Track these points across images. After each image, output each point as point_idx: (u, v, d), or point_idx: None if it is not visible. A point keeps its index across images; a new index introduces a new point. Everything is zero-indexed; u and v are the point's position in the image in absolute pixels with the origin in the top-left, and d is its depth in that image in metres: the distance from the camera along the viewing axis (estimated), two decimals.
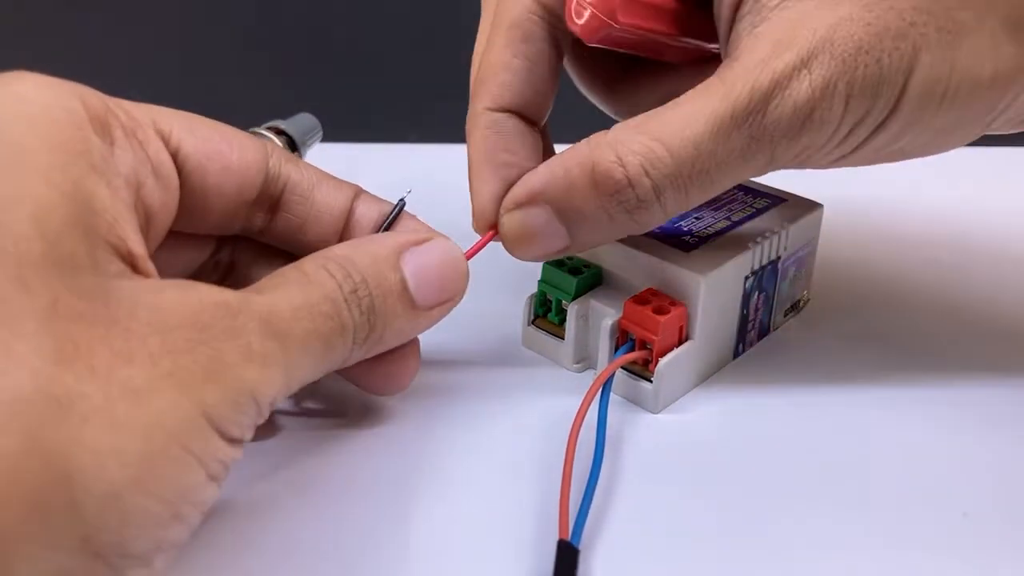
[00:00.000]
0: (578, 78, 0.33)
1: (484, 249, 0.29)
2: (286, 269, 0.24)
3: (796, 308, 0.34)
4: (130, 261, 0.21)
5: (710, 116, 0.25)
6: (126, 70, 0.61)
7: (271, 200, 0.27)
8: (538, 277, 0.31)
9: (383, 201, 0.29)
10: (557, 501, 0.24)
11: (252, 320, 0.21)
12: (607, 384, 0.27)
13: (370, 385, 0.28)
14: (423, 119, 0.51)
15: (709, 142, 0.25)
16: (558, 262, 0.31)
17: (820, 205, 0.33)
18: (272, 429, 0.28)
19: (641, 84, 0.32)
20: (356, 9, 0.66)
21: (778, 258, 0.32)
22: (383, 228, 0.28)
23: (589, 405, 0.26)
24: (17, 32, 0.63)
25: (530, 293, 0.32)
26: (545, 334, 0.32)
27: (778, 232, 0.31)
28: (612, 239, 0.28)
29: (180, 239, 0.26)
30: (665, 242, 0.30)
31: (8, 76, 0.21)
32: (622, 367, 0.29)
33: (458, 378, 0.31)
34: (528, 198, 0.27)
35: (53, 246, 0.19)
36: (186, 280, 0.21)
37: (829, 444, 0.28)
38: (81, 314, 0.19)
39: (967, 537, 0.25)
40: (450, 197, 0.32)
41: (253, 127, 0.42)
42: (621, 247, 0.30)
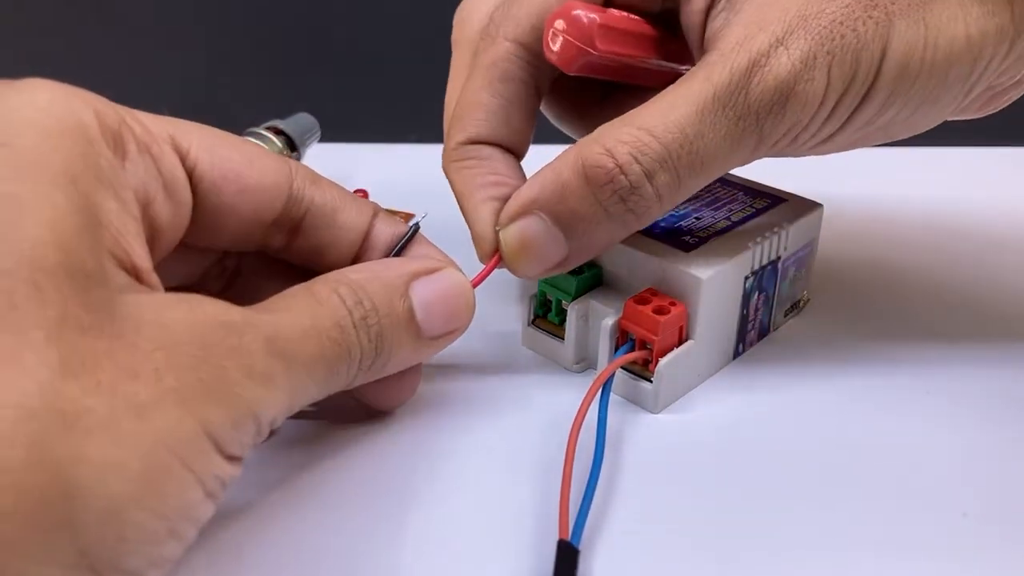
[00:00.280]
0: (553, 113, 0.33)
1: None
2: (297, 290, 0.24)
3: (796, 308, 0.34)
4: (135, 274, 0.21)
5: (693, 99, 0.25)
6: (126, 69, 0.61)
7: (292, 223, 0.27)
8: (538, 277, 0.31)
9: (398, 221, 0.29)
10: (557, 501, 0.24)
11: (257, 340, 0.21)
12: (607, 384, 0.27)
13: (370, 400, 0.28)
14: (423, 119, 0.51)
15: (695, 124, 0.25)
16: None
17: (820, 205, 0.33)
18: (271, 435, 0.28)
19: (620, 111, 0.32)
20: (356, 9, 0.66)
21: (778, 258, 0.32)
22: (395, 252, 0.28)
23: (589, 405, 0.26)
24: (17, 32, 0.63)
25: (530, 293, 0.32)
26: (545, 334, 0.32)
27: (778, 232, 0.31)
28: (611, 239, 0.27)
29: (189, 248, 0.26)
30: (665, 242, 0.30)
31: (25, 84, 0.21)
32: (622, 367, 0.29)
33: (458, 378, 0.31)
34: (522, 209, 0.27)
35: (67, 255, 0.19)
36: (192, 295, 0.21)
37: (829, 444, 0.28)
38: (89, 327, 0.19)
39: (967, 537, 0.25)
40: (450, 198, 0.32)
41: (252, 127, 0.42)
42: (621, 247, 0.30)
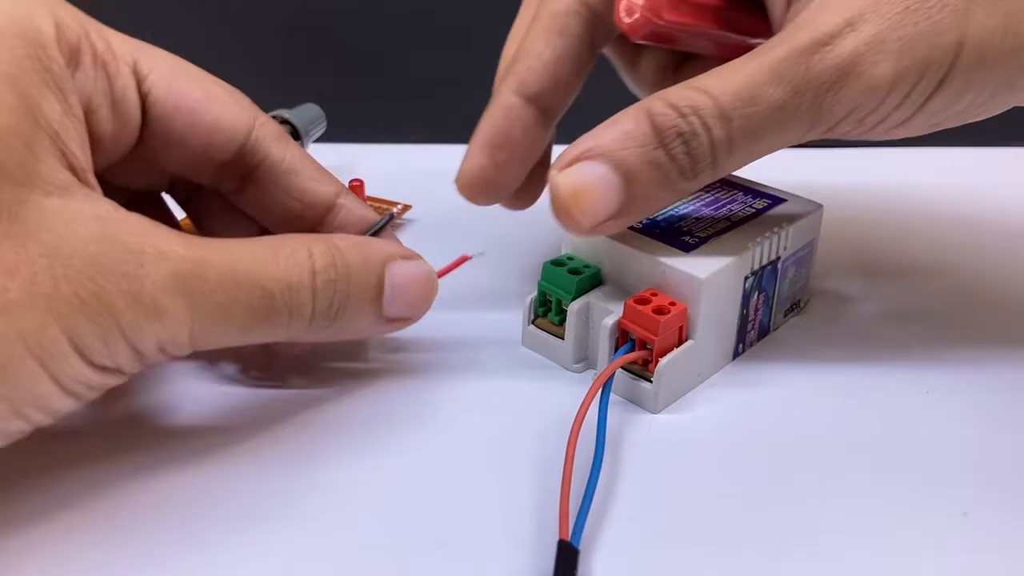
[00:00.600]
0: (629, 77, 0.34)
1: (484, 248, 0.29)
2: (272, 238, 0.25)
3: (796, 308, 0.34)
4: (75, 172, 0.22)
5: (751, 69, 0.25)
6: None
7: (244, 170, 0.28)
8: (538, 277, 0.31)
9: (367, 206, 0.30)
10: (557, 501, 0.24)
11: (159, 272, 0.22)
12: (607, 384, 0.27)
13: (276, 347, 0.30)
14: (423, 119, 0.51)
15: (749, 90, 0.25)
16: (558, 262, 0.31)
17: (820, 205, 0.33)
18: (282, 379, 0.30)
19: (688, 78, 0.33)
20: (356, 9, 0.66)
21: (778, 258, 0.32)
22: (370, 233, 0.29)
23: (589, 405, 0.26)
24: None
25: (530, 293, 0.32)
26: (545, 334, 0.32)
27: (778, 232, 0.31)
28: (665, 192, 0.27)
29: (147, 162, 0.27)
30: (665, 242, 0.30)
31: None
32: (622, 367, 0.29)
33: (458, 378, 0.31)
34: (580, 155, 0.26)
35: None
36: (123, 215, 0.22)
37: (829, 444, 0.28)
38: None
39: (967, 537, 0.25)
40: (450, 198, 0.32)
41: None
42: (621, 247, 0.30)
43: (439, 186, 0.33)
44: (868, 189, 0.44)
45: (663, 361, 0.28)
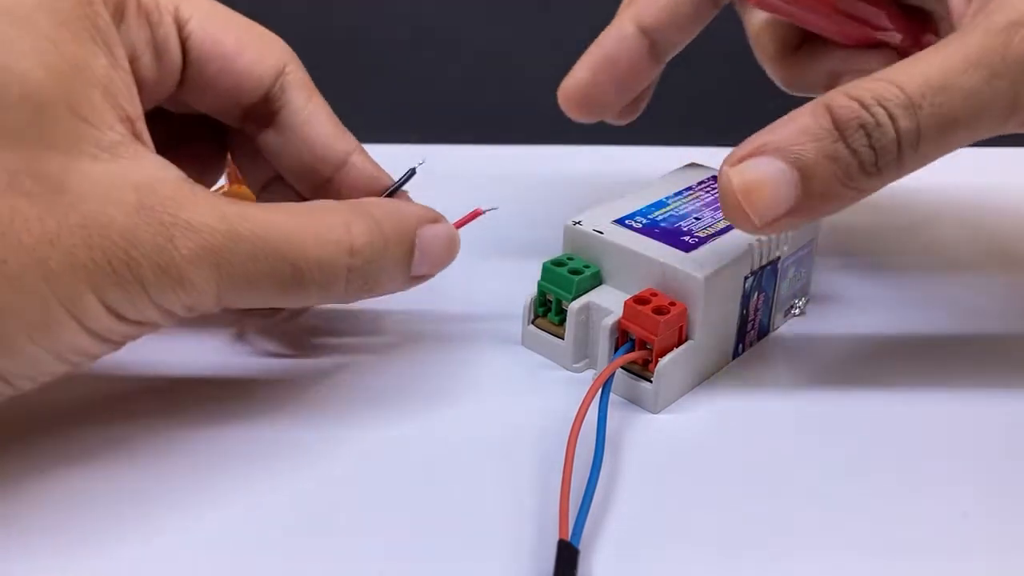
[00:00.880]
0: (757, 48, 0.35)
1: (484, 248, 0.29)
2: (307, 210, 0.25)
3: (796, 308, 0.34)
4: (124, 124, 0.23)
5: (943, 56, 0.25)
6: None
7: (266, 115, 0.29)
8: (538, 277, 0.31)
9: (379, 168, 0.30)
10: (557, 501, 0.24)
11: (188, 246, 0.23)
12: (607, 384, 0.27)
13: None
14: (423, 119, 0.51)
15: (940, 78, 0.24)
16: (558, 262, 0.31)
17: None
18: (304, 349, 0.31)
19: (809, 58, 0.33)
20: (356, 9, 0.66)
21: (778, 258, 0.32)
22: (389, 192, 0.30)
23: (589, 405, 0.26)
24: None
25: (530, 293, 0.32)
26: (545, 334, 0.32)
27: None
28: (846, 191, 0.25)
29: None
30: (665, 242, 0.30)
31: None
32: (622, 367, 0.29)
33: (458, 378, 0.31)
34: (755, 149, 0.25)
35: (30, 125, 0.22)
36: (160, 180, 0.23)
37: (828, 444, 0.28)
38: (31, 192, 0.21)
39: (967, 537, 0.25)
40: (450, 197, 0.32)
41: None
42: (621, 247, 0.30)
43: (439, 185, 0.33)
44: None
45: (663, 361, 0.28)
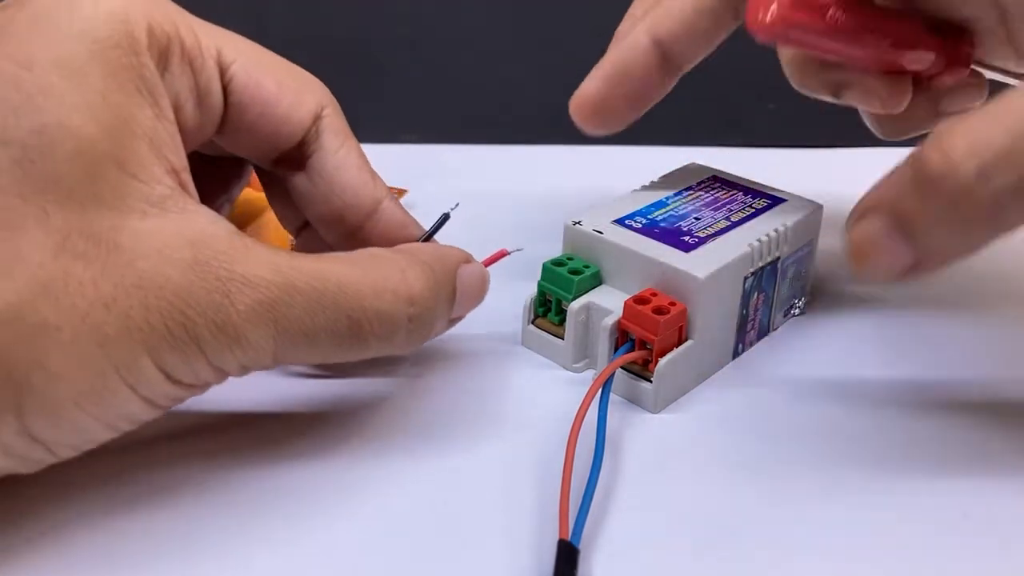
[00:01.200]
0: (785, 60, 0.34)
1: (484, 248, 0.29)
2: (361, 260, 0.25)
3: (796, 308, 0.34)
4: (170, 175, 0.23)
5: None
6: None
7: (299, 159, 0.28)
8: (538, 277, 0.31)
9: (408, 215, 0.30)
10: (557, 501, 0.24)
11: (245, 302, 0.22)
12: (607, 384, 0.27)
13: None
14: (423, 119, 0.51)
15: None
16: (558, 262, 0.31)
17: (820, 205, 0.33)
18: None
19: (819, 66, 0.32)
20: (356, 9, 0.66)
21: (778, 258, 0.32)
22: (425, 238, 0.29)
23: (589, 405, 0.26)
24: None
25: (530, 293, 0.32)
26: (545, 334, 0.32)
27: (778, 232, 0.31)
28: (958, 243, 0.25)
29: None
30: (665, 242, 0.30)
31: None
32: (622, 367, 0.29)
33: (458, 378, 0.31)
34: (864, 210, 0.26)
35: (83, 183, 0.21)
36: (212, 235, 0.22)
37: (828, 444, 0.28)
38: (85, 253, 0.21)
39: (967, 537, 0.25)
40: (449, 197, 0.32)
41: None
42: (621, 247, 0.30)
43: (438, 185, 0.33)
44: (868, 189, 0.44)
45: (663, 361, 0.28)
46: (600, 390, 0.27)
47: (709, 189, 0.34)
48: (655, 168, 0.36)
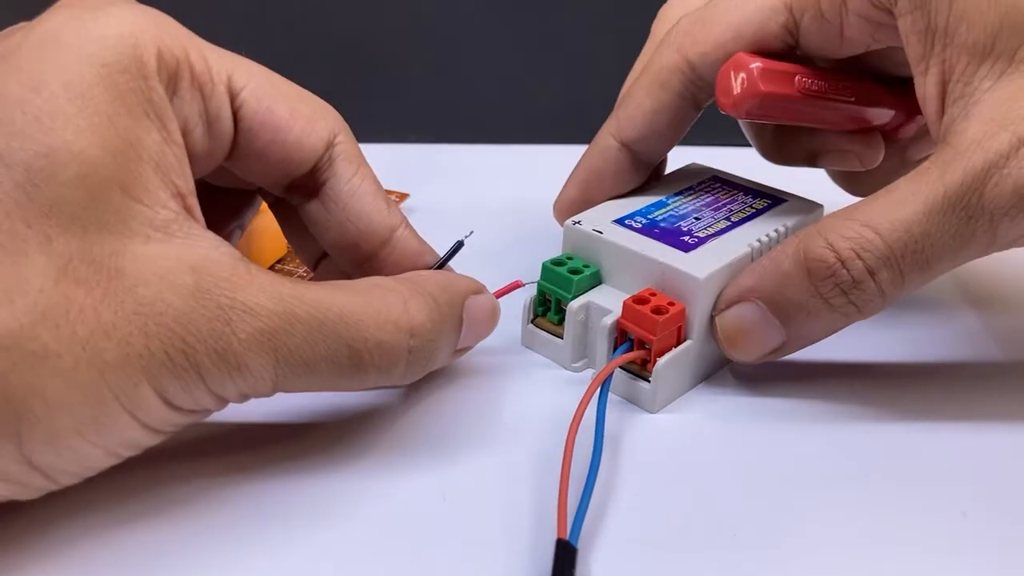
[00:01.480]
0: (745, 127, 0.35)
1: (484, 248, 0.29)
2: (364, 290, 0.25)
3: None
4: (176, 199, 0.23)
5: (922, 199, 0.25)
6: None
7: (312, 186, 0.28)
8: (537, 277, 0.31)
9: (423, 243, 0.29)
10: (555, 500, 0.24)
11: (247, 330, 0.22)
12: (606, 384, 0.27)
13: None
14: (423, 119, 0.51)
15: (922, 223, 0.25)
16: (557, 262, 0.31)
17: (820, 205, 0.33)
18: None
19: (790, 135, 0.33)
20: (356, 9, 0.66)
21: None
22: (438, 265, 0.29)
23: (588, 404, 0.26)
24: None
25: (530, 293, 0.32)
26: (544, 333, 0.31)
27: (778, 232, 0.31)
28: (831, 329, 0.28)
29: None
30: (665, 242, 0.30)
31: (104, 11, 0.23)
32: (621, 367, 0.29)
33: (457, 377, 0.31)
34: (740, 296, 0.28)
35: (86, 207, 0.21)
36: (215, 261, 0.22)
37: (828, 444, 0.28)
38: (86, 279, 0.21)
39: (967, 537, 0.25)
40: (449, 197, 0.32)
41: None
42: (621, 247, 0.30)
43: (438, 185, 0.33)
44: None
45: (661, 361, 0.28)
46: (599, 390, 0.27)
47: (709, 189, 0.34)
48: None
